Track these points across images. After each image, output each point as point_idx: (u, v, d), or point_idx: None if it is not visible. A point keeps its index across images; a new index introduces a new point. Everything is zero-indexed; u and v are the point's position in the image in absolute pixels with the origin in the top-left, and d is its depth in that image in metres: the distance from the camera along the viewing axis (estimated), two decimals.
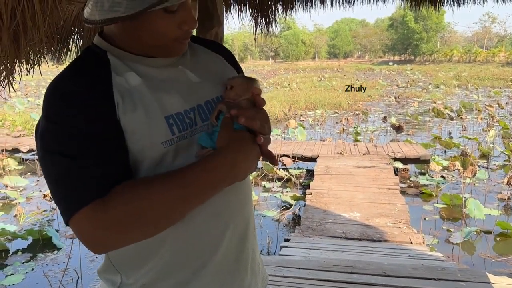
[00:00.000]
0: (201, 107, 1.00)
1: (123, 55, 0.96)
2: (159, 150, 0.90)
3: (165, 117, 0.92)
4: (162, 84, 0.96)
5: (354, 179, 7.42)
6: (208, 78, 1.05)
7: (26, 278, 4.87)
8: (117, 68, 0.93)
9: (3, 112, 16.97)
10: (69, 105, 0.85)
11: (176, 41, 0.94)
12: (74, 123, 0.84)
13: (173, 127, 0.93)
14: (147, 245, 0.93)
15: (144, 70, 0.96)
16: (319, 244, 4.67)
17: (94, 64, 0.93)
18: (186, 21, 0.92)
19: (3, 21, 1.45)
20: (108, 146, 0.85)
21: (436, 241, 5.61)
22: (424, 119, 15.93)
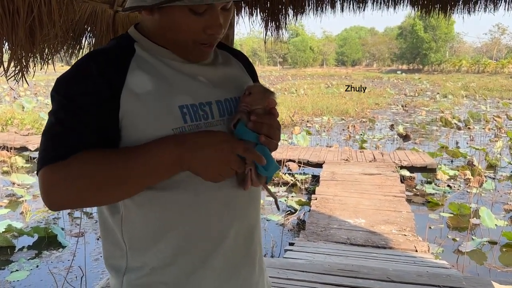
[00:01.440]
0: (220, 103, 1.03)
1: (151, 47, 1.01)
2: (169, 133, 0.94)
3: (179, 106, 0.96)
4: (182, 76, 1.00)
5: (360, 185, 7.40)
6: (229, 79, 1.09)
7: (31, 275, 4.90)
8: (140, 58, 0.98)
9: (12, 110, 17.12)
10: (75, 75, 0.94)
11: (197, 43, 0.97)
12: (71, 90, 0.93)
13: (186, 116, 0.96)
14: (157, 227, 0.97)
15: (169, 62, 1.00)
16: (324, 249, 4.66)
17: (118, 50, 0.99)
18: (211, 25, 0.94)
19: (20, 15, 1.47)
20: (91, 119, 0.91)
21: (441, 249, 5.57)
22: (431, 128, 15.87)
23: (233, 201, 1.03)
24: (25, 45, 1.59)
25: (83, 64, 0.96)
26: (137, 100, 0.93)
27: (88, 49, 2.65)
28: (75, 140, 0.90)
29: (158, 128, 0.93)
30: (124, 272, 1.00)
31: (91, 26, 2.62)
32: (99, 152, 0.91)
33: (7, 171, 9.09)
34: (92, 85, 0.92)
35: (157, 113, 0.94)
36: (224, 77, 1.09)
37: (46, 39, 1.58)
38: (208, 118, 1.00)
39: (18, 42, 1.56)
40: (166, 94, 0.96)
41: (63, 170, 0.88)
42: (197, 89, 1.01)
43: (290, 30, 65.49)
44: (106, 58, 0.97)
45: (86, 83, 0.93)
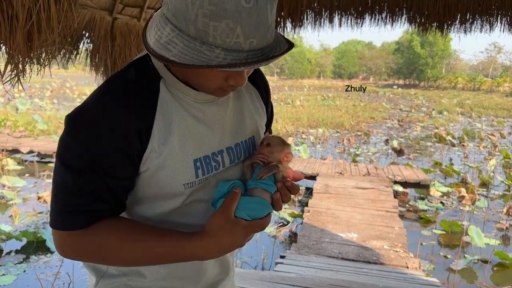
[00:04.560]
0: (231, 149, 1.03)
1: (177, 85, 0.95)
2: (179, 189, 0.95)
3: (194, 160, 0.95)
4: (200, 124, 0.97)
5: (353, 199, 7.40)
6: (241, 119, 1.07)
7: (18, 280, 4.83)
8: (164, 103, 0.93)
9: (5, 112, 17.04)
10: (96, 131, 0.86)
11: (218, 89, 0.92)
12: (92, 149, 0.86)
13: (198, 170, 0.96)
14: None
15: (189, 106, 0.96)
16: (315, 263, 4.63)
17: (144, 96, 0.91)
18: (234, 78, 0.88)
19: (19, 21, 1.47)
20: (112, 183, 0.89)
21: (432, 267, 5.56)
22: (425, 144, 15.93)
23: None
24: (23, 50, 1.58)
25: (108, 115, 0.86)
26: (159, 155, 0.91)
27: (86, 55, 2.65)
28: (96, 209, 0.89)
29: (171, 182, 0.93)
30: (102, 275, 1.04)
31: (89, 32, 2.62)
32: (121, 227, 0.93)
33: None
34: (119, 144, 0.86)
35: (175, 168, 0.93)
36: (238, 117, 1.06)
37: (44, 45, 1.58)
38: (219, 168, 1.00)
39: (15, 47, 1.55)
40: (185, 146, 0.94)
41: (80, 239, 0.90)
42: (211, 139, 0.99)
43: None
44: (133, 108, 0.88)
45: (113, 141, 0.86)
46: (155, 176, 0.92)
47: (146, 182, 0.93)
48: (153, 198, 0.97)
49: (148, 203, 0.98)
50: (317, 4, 3.99)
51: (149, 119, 0.90)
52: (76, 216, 0.88)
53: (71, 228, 0.88)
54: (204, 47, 0.78)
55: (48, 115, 16.60)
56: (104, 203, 0.89)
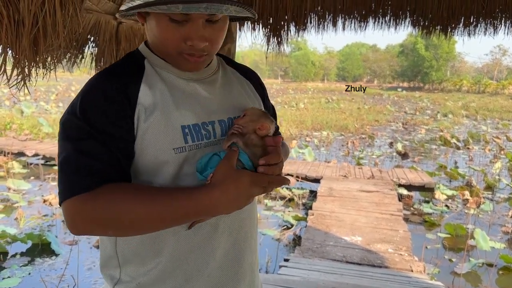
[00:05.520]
0: (223, 122, 1.07)
1: (158, 63, 1.05)
2: (170, 155, 0.97)
3: (181, 126, 0.99)
4: (186, 95, 1.04)
5: (357, 202, 7.38)
6: (232, 98, 1.12)
7: (23, 282, 4.85)
8: (149, 76, 1.02)
9: (11, 115, 17.14)
10: (91, 101, 0.95)
11: (180, 55, 0.98)
12: (90, 117, 0.93)
13: (187, 136, 0.99)
14: (150, 247, 1.02)
15: (174, 80, 1.04)
16: (319, 266, 4.63)
17: (129, 70, 1.02)
18: (190, 36, 0.95)
19: (25, 26, 1.48)
20: (112, 146, 0.94)
21: (437, 270, 5.54)
22: (430, 147, 15.88)
23: (223, 225, 1.06)
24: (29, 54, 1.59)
25: (101, 87, 0.97)
26: (146, 120, 0.96)
27: (91, 59, 2.67)
28: (101, 171, 0.92)
29: (161, 147, 0.97)
30: (116, 282, 1.06)
31: (94, 36, 2.64)
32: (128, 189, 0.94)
33: (3, 176, 9.06)
34: (112, 108, 0.94)
35: (160, 133, 0.97)
36: (228, 95, 1.12)
37: (50, 49, 1.59)
38: (210, 137, 1.03)
39: (22, 52, 1.57)
40: (170, 113, 0.99)
41: (90, 203, 0.90)
42: (201, 109, 1.04)
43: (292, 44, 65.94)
44: (121, 76, 0.99)
45: (106, 106, 0.94)
46: (145, 139, 0.96)
47: (140, 147, 0.97)
48: (150, 168, 0.99)
49: (147, 174, 0.99)
50: (321, 7, 3.99)
51: (135, 85, 0.98)
52: (82, 179, 0.91)
53: (78, 192, 0.90)
54: None
55: (53, 118, 16.67)
56: (106, 165, 0.92)
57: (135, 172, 1.01)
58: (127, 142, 0.96)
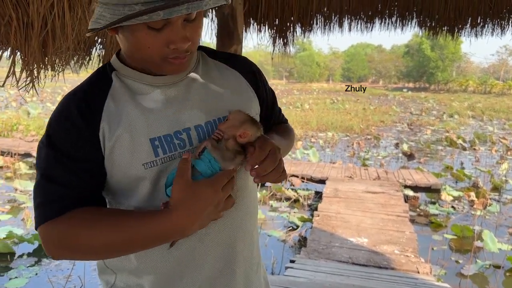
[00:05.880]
0: (200, 127, 1.01)
1: (129, 73, 1.00)
2: (140, 170, 0.94)
3: (150, 139, 0.95)
4: (158, 104, 0.99)
5: (363, 203, 7.36)
6: (215, 98, 1.05)
7: (30, 282, 4.88)
8: (116, 90, 0.99)
9: (17, 116, 17.23)
10: (55, 126, 0.95)
11: (165, 60, 0.94)
12: (55, 142, 0.94)
13: (157, 149, 0.95)
14: (138, 262, 1.02)
15: (145, 89, 1.00)
16: (325, 268, 4.62)
17: (96, 86, 0.99)
18: (173, 40, 0.91)
19: (34, 28, 1.49)
20: (79, 170, 0.93)
21: (443, 272, 5.52)
22: (436, 148, 15.81)
23: (208, 237, 1.03)
24: (38, 56, 1.61)
25: (64, 110, 0.96)
26: (111, 137, 0.94)
27: (98, 60, 2.68)
28: (68, 196, 0.92)
29: (129, 164, 0.94)
30: (111, 286, 1.07)
31: (102, 39, 2.65)
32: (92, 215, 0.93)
33: (10, 177, 9.11)
34: (74, 131, 0.93)
35: (126, 149, 0.94)
36: (208, 96, 1.05)
37: (58, 52, 1.60)
38: (186, 146, 0.98)
39: (31, 54, 1.58)
40: (137, 127, 0.95)
41: (57, 229, 0.91)
42: (174, 116, 0.99)
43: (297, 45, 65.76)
44: (84, 96, 0.97)
45: (68, 130, 0.93)
46: (113, 157, 0.94)
47: (110, 166, 0.95)
48: (125, 186, 0.97)
49: (123, 192, 0.98)
50: (327, 8, 3.99)
51: (99, 105, 0.95)
52: (50, 206, 0.91)
53: (46, 219, 0.91)
54: (126, 9, 0.83)
55: None
56: (73, 189, 0.92)
57: (111, 192, 1.00)
58: (94, 163, 0.94)
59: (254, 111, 1.11)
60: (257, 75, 1.17)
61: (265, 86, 1.20)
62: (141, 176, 0.95)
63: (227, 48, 3.20)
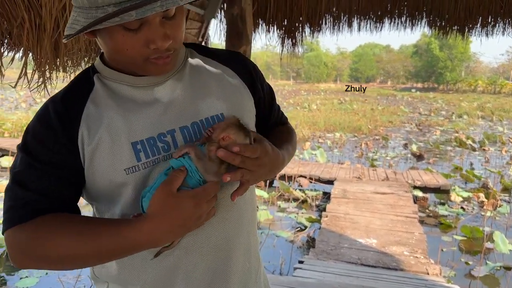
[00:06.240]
0: (186, 128, 0.96)
1: (111, 75, 0.97)
2: (122, 176, 0.90)
3: (132, 143, 0.91)
4: (141, 106, 0.95)
5: (372, 204, 7.33)
6: (202, 97, 1.00)
7: (40, 282, 4.91)
8: (97, 93, 0.95)
9: (27, 117, 17.39)
10: (31, 131, 0.92)
11: (147, 61, 0.90)
12: (30, 147, 0.90)
13: (140, 153, 0.91)
14: (126, 273, 0.98)
15: (127, 91, 0.96)
16: (334, 269, 4.60)
17: (77, 89, 0.96)
18: (152, 39, 0.86)
19: (46, 30, 1.51)
20: (52, 176, 0.89)
21: (453, 273, 5.47)
22: (445, 148, 15.70)
23: (194, 247, 0.97)
24: (50, 58, 1.62)
25: (42, 115, 0.93)
26: (90, 142, 0.90)
27: None
28: (36, 202, 0.88)
29: (110, 169, 0.90)
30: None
31: None
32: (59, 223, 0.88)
33: None
34: (50, 136, 0.90)
35: (107, 154, 0.90)
36: (195, 95, 0.99)
37: (70, 53, 1.61)
38: (170, 149, 0.93)
39: (43, 55, 1.59)
40: (117, 131, 0.91)
41: (21, 235, 0.87)
42: (158, 118, 0.94)
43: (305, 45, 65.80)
44: (63, 101, 0.93)
45: (45, 135, 0.90)
46: (94, 163, 0.90)
47: (91, 172, 0.91)
48: (107, 192, 0.93)
49: (106, 199, 0.95)
50: (336, 8, 3.98)
51: (78, 108, 0.92)
52: (17, 211, 0.88)
53: (12, 224, 0.88)
54: (99, 11, 0.80)
55: None
56: (43, 195, 0.88)
57: (95, 199, 0.97)
58: (69, 170, 0.90)
59: (248, 110, 1.06)
60: (253, 72, 1.11)
61: (261, 84, 1.13)
62: (123, 182, 0.91)
63: (236, 49, 3.20)
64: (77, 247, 0.86)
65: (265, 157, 0.90)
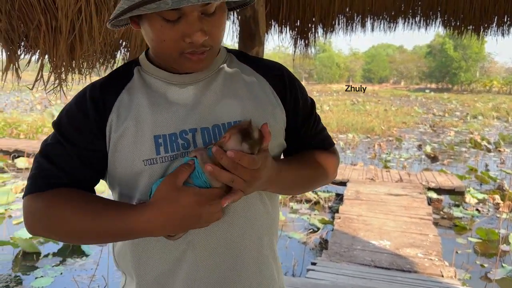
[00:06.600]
0: (207, 129, 0.96)
1: (149, 69, 1.01)
2: (140, 166, 0.93)
3: (155, 136, 0.94)
4: (170, 102, 0.97)
5: (385, 206, 7.27)
6: (229, 103, 1.00)
7: (55, 282, 4.97)
8: (134, 84, 1.00)
9: (42, 119, 17.61)
10: (66, 110, 0.99)
11: (182, 55, 0.92)
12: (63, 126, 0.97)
13: (160, 147, 0.93)
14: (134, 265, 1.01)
15: (161, 87, 0.99)
16: (347, 270, 4.58)
17: (117, 78, 1.01)
18: (188, 33, 0.88)
19: (62, 33, 1.52)
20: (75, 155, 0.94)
21: (468, 276, 5.40)
22: (460, 150, 15.52)
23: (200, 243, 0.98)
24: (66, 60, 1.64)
25: (79, 97, 0.99)
26: (117, 129, 0.94)
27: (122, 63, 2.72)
28: (55, 176, 0.94)
29: (131, 158, 0.93)
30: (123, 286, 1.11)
31: (126, 42, 2.69)
32: (71, 198, 0.93)
33: None
34: (81, 118, 0.95)
35: (130, 143, 0.93)
36: (222, 99, 1.00)
37: (85, 55, 1.63)
38: (190, 147, 0.95)
39: (59, 57, 1.61)
40: (144, 122, 0.94)
41: (37, 204, 0.93)
42: (181, 117, 0.96)
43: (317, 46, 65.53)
44: (101, 87, 0.99)
45: (77, 117, 0.96)
46: (117, 149, 0.94)
47: (113, 158, 0.95)
48: (126, 179, 0.96)
49: (124, 186, 0.98)
50: (349, 9, 3.96)
51: (112, 96, 0.97)
52: (37, 181, 0.94)
53: (32, 191, 0.94)
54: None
55: None
56: (63, 171, 0.94)
57: (115, 185, 1.00)
58: (94, 153, 0.95)
59: (274, 121, 1.03)
60: (286, 82, 1.08)
61: (296, 94, 1.09)
62: (140, 172, 0.93)
63: (248, 50, 3.21)
64: (78, 221, 0.90)
65: (263, 169, 0.88)
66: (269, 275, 1.06)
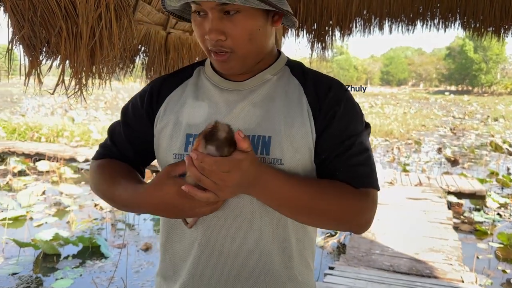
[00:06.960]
0: None
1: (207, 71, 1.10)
2: (171, 158, 1.02)
3: (187, 134, 1.01)
4: (209, 105, 1.03)
5: (405, 210, 7.18)
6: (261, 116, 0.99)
7: (75, 283, 5.04)
8: (188, 83, 1.09)
9: (63, 122, 17.91)
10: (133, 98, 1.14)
11: (209, 51, 0.97)
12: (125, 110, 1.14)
13: (189, 145, 1.00)
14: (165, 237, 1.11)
15: (209, 89, 1.06)
16: (365, 275, 4.53)
17: (177, 76, 1.12)
18: (207, 30, 0.92)
19: (82, 38, 1.56)
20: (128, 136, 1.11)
21: (489, 282, 5.29)
22: (481, 153, 15.24)
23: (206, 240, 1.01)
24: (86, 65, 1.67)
25: (144, 88, 1.14)
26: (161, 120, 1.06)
27: (142, 68, 2.76)
28: (110, 149, 1.14)
29: (166, 149, 1.04)
30: None
31: (145, 47, 2.73)
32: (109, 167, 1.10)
33: (56, 181, 9.47)
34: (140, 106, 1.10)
35: (167, 135, 1.04)
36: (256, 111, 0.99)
37: (105, 60, 1.66)
38: None
39: (79, 63, 1.64)
40: (182, 120, 1.03)
41: (93, 167, 1.14)
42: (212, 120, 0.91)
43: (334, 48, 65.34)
44: (163, 82, 1.11)
45: (136, 105, 1.11)
46: (159, 138, 1.06)
47: (156, 146, 1.07)
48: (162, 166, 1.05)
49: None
50: (367, 11, 3.94)
51: (168, 91, 1.08)
52: (99, 149, 1.16)
53: (93, 158, 1.17)
54: None
55: (102, 126, 17.29)
56: (116, 146, 1.13)
57: (160, 166, 1.09)
58: (144, 137, 1.08)
59: (298, 141, 0.97)
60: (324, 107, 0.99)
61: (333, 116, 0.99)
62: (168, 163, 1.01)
63: None
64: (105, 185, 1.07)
65: (235, 172, 0.81)
66: None
